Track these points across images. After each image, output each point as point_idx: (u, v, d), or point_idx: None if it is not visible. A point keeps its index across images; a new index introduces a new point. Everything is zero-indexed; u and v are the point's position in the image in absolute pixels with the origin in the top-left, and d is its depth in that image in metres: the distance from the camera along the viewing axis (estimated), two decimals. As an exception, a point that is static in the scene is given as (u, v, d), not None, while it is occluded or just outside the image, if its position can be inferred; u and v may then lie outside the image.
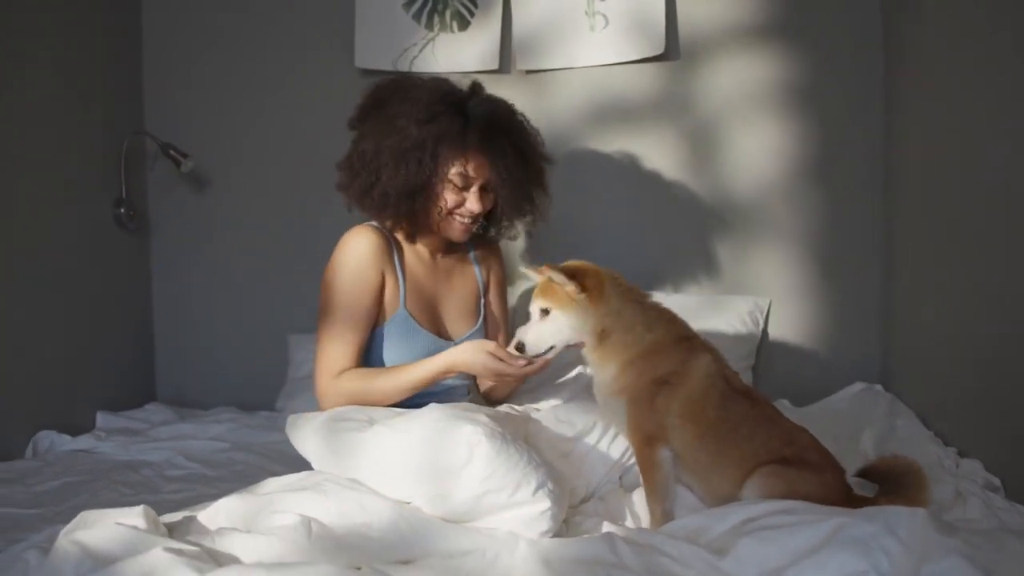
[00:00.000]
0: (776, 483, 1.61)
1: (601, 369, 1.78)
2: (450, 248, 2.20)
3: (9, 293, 2.50)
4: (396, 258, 2.06)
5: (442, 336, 2.10)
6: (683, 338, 1.79)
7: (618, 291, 1.76)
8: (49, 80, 2.68)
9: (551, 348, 1.78)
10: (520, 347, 1.77)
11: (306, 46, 3.08)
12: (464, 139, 1.97)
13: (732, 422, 1.71)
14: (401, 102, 1.98)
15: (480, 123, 1.99)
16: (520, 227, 2.24)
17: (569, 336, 1.76)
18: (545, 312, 1.76)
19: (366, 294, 1.99)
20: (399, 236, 2.11)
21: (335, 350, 1.97)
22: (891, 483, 1.67)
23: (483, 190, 2.05)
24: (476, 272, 2.23)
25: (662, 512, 1.70)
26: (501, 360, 1.83)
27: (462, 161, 1.99)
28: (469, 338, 2.13)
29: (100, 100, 2.94)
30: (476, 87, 2.09)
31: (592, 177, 2.91)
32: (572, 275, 1.71)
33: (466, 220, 2.06)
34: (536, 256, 2.93)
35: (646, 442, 1.72)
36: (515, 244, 2.76)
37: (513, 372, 1.83)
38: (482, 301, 2.22)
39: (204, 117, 3.14)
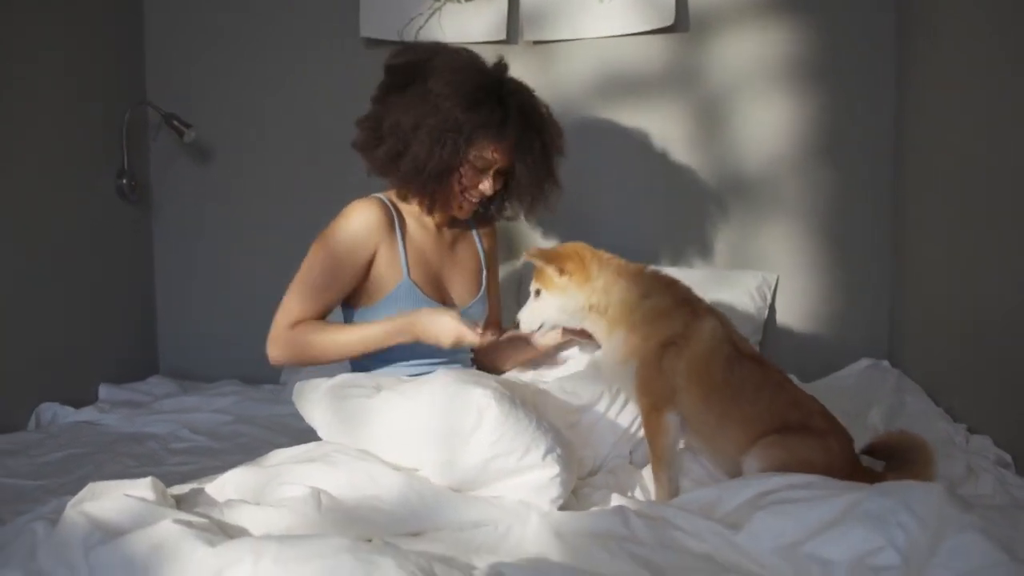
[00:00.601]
0: (777, 453, 1.62)
1: (608, 339, 1.80)
2: (454, 221, 2.20)
3: (11, 264, 2.48)
4: (399, 231, 2.05)
5: (447, 304, 2.09)
6: (685, 300, 1.82)
7: (606, 270, 1.80)
8: (50, 50, 2.65)
9: (541, 325, 1.86)
10: (517, 324, 1.88)
11: (311, 15, 3.04)
12: (502, 131, 1.98)
13: (737, 385, 1.72)
14: (445, 83, 1.96)
15: (517, 117, 2.01)
16: (519, 211, 2.23)
17: (557, 315, 1.83)
18: (538, 293, 1.83)
19: (351, 265, 1.99)
20: (406, 208, 2.10)
21: (302, 304, 1.96)
22: (897, 459, 1.67)
23: (497, 174, 2.06)
24: (478, 244, 2.23)
25: (667, 479, 1.71)
26: (464, 328, 1.86)
27: (492, 148, 2.00)
28: (473, 306, 2.14)
29: (101, 70, 2.91)
30: (502, 67, 2.09)
31: (599, 149, 2.89)
32: (553, 260, 1.79)
33: (475, 200, 2.08)
34: (544, 228, 2.91)
35: (653, 406, 1.73)
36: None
37: (472, 339, 1.86)
38: (484, 273, 2.22)
39: (207, 87, 3.11)
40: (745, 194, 2.86)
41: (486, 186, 2.04)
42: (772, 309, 2.84)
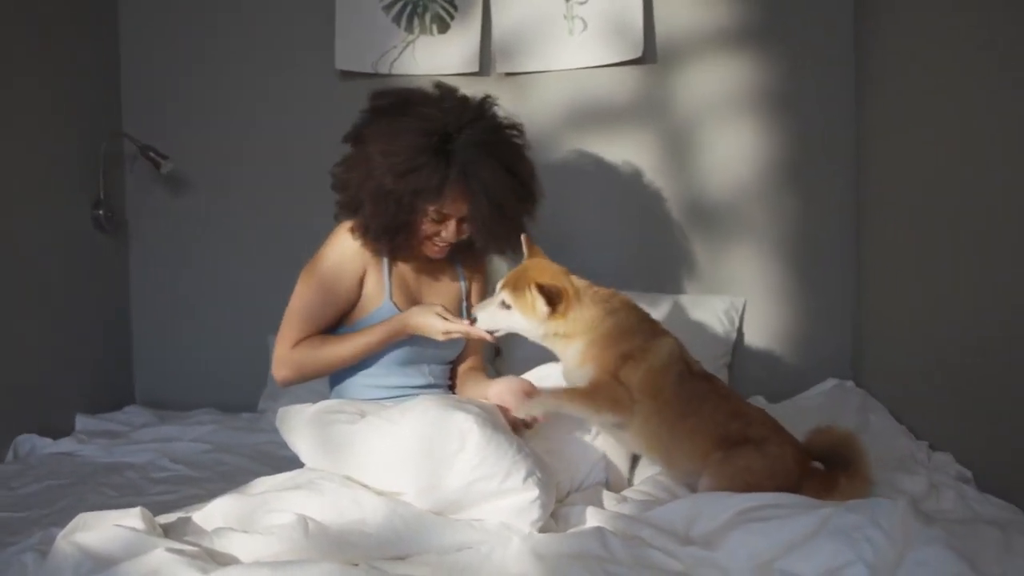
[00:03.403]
0: (725, 469, 1.74)
1: (566, 348, 1.88)
2: None
3: (-12, 296, 2.49)
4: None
5: None
6: (645, 321, 1.94)
7: (581, 303, 1.86)
8: (25, 81, 2.67)
9: (497, 331, 1.91)
10: (473, 320, 1.90)
11: (286, 48, 3.09)
12: (440, 193, 1.93)
13: (685, 399, 1.84)
14: (380, 150, 1.93)
15: (461, 173, 1.93)
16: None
17: (520, 330, 1.88)
18: (507, 305, 1.86)
19: (342, 285, 2.04)
20: None
21: (299, 326, 2.02)
22: (833, 459, 1.79)
23: (460, 222, 2.03)
24: (460, 275, 2.25)
25: (568, 407, 1.82)
26: (448, 320, 1.92)
27: (438, 206, 1.97)
28: (453, 338, 2.15)
29: (77, 101, 2.93)
30: (486, 104, 2.04)
31: (570, 179, 2.95)
32: (543, 293, 1.80)
33: (441, 245, 2.07)
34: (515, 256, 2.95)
35: (615, 403, 1.82)
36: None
37: (461, 329, 1.91)
38: (464, 304, 2.24)
39: (183, 119, 3.13)
40: (713, 220, 2.93)
41: (449, 234, 2.03)
42: (740, 332, 2.91)
